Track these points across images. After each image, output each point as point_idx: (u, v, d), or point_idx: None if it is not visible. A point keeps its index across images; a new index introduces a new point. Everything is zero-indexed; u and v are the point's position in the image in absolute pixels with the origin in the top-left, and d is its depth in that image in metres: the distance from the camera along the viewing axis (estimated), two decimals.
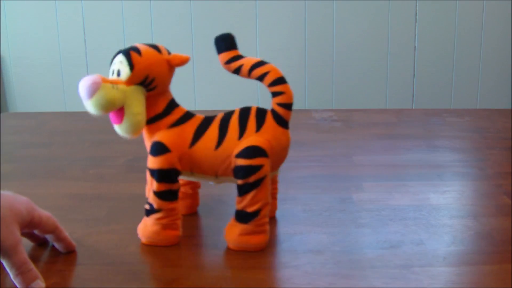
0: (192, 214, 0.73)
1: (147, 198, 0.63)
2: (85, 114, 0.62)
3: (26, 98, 2.07)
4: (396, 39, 1.97)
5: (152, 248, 0.63)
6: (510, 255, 0.61)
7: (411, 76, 1.99)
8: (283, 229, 0.68)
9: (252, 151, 0.59)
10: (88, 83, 0.57)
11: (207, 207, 0.75)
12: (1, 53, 2.04)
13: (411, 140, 1.04)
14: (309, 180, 0.84)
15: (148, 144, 0.63)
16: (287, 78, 0.62)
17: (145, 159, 0.96)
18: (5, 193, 0.57)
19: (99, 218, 0.72)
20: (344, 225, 0.68)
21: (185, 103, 0.66)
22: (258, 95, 2.00)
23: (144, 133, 0.63)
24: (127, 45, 0.63)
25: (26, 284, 0.54)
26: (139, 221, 0.70)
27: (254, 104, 0.63)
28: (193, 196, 0.72)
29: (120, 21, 1.98)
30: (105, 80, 0.58)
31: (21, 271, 0.54)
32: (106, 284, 0.56)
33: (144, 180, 0.85)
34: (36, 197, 0.79)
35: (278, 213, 0.72)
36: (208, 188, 0.80)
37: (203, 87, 2.01)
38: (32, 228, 0.59)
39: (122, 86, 0.59)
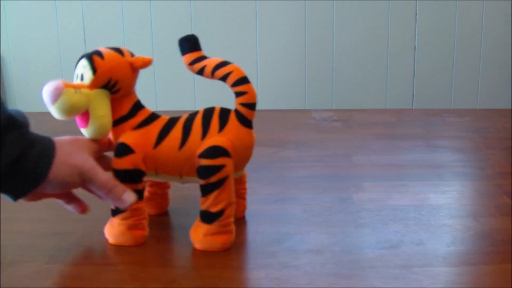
0: (164, 214, 0.72)
1: None
2: None
3: (26, 98, 2.06)
4: (396, 39, 1.97)
5: (152, 248, 0.63)
6: (510, 255, 0.61)
7: (411, 76, 1.99)
8: (283, 229, 0.68)
9: (214, 151, 0.60)
10: (50, 89, 0.58)
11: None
12: (1, 53, 2.04)
13: (411, 140, 1.04)
14: (309, 180, 0.84)
15: (114, 146, 0.63)
16: (287, 78, 0.62)
17: None
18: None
19: (100, 217, 0.71)
20: (344, 225, 0.68)
21: (184, 103, 0.66)
22: None
23: (110, 135, 0.64)
24: (127, 45, 0.64)
25: (118, 198, 0.59)
26: None
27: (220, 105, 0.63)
28: (163, 196, 0.72)
29: (120, 21, 1.98)
30: (67, 85, 0.58)
31: (109, 188, 0.59)
32: (106, 283, 0.56)
33: None
34: None
35: (278, 213, 0.72)
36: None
37: (204, 87, 2.01)
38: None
39: (85, 90, 0.59)
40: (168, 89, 2.02)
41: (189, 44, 0.64)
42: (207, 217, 0.61)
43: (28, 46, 2.02)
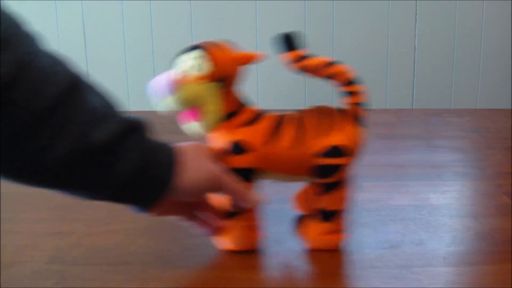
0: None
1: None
2: None
3: None
4: (396, 39, 1.97)
5: (152, 248, 0.63)
6: (510, 255, 0.61)
7: (411, 76, 1.99)
8: (283, 229, 0.67)
9: (334, 150, 0.59)
10: (171, 79, 0.56)
11: None
12: None
13: (411, 140, 1.04)
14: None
15: (218, 143, 0.61)
16: (288, 78, 0.62)
17: None
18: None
19: (100, 217, 0.71)
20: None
21: None
22: (259, 93, 2.00)
23: (215, 131, 0.61)
24: (127, 45, 0.63)
25: (246, 198, 0.58)
26: (139, 221, 0.70)
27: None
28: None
29: (120, 21, 1.98)
30: (187, 76, 0.57)
31: (239, 190, 0.58)
32: (106, 283, 0.56)
33: None
34: (36, 196, 0.79)
35: (278, 213, 0.72)
36: None
37: None
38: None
39: (202, 82, 0.58)
40: None
41: (291, 41, 0.62)
42: (326, 215, 0.61)
43: None
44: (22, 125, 0.44)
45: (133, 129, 0.51)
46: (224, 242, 0.62)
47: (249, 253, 0.62)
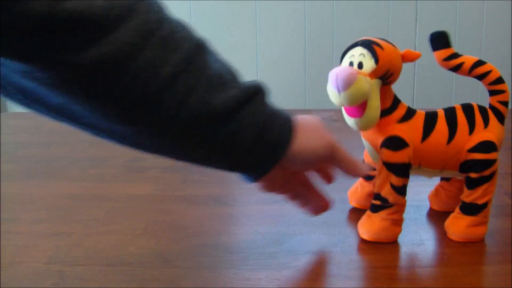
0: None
1: (377, 193, 0.62)
2: None
3: None
4: (396, 39, 1.97)
5: (152, 248, 0.63)
6: (510, 255, 0.61)
7: (411, 76, 1.99)
8: (283, 229, 0.67)
9: (487, 146, 0.62)
10: (346, 74, 0.56)
11: (213, 209, 0.75)
12: None
13: None
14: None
15: (377, 139, 0.63)
16: (287, 78, 0.62)
17: (144, 159, 0.97)
18: None
19: (99, 218, 0.71)
20: (344, 226, 0.68)
21: None
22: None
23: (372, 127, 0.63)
24: None
25: (358, 169, 0.59)
26: (139, 221, 0.70)
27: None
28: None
29: None
30: (359, 72, 0.58)
31: (352, 160, 0.59)
32: (106, 284, 0.56)
33: (144, 180, 0.85)
34: (36, 197, 0.79)
35: (278, 213, 0.72)
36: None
37: None
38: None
39: (369, 79, 0.59)
40: None
41: (443, 40, 0.66)
42: (473, 209, 0.62)
43: None
44: (147, 93, 0.44)
45: (254, 93, 0.51)
46: (365, 232, 0.64)
47: (249, 253, 0.62)
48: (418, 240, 0.64)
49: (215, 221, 0.70)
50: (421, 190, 0.80)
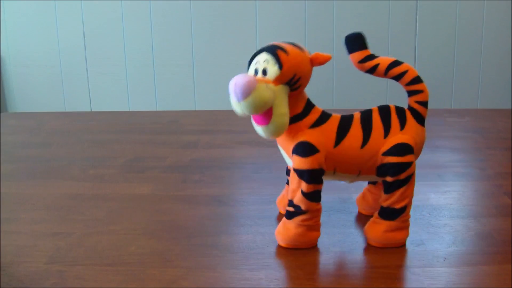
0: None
1: (290, 200, 0.61)
2: (85, 114, 0.61)
3: (25, 98, 2.06)
4: (396, 39, 1.97)
5: (152, 248, 0.63)
6: (510, 255, 0.61)
7: None
8: None
9: (402, 149, 0.60)
10: (243, 83, 0.55)
11: (213, 210, 0.75)
12: (1, 53, 2.04)
13: None
14: None
15: (288, 145, 0.61)
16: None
17: (144, 159, 0.97)
18: None
19: (99, 218, 0.71)
20: (344, 225, 0.68)
21: (184, 103, 0.65)
22: None
23: (283, 134, 0.61)
24: (127, 46, 0.63)
25: None
26: (139, 221, 0.70)
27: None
28: None
29: (120, 21, 1.97)
30: (258, 80, 0.56)
31: None
32: (106, 284, 0.56)
33: (144, 180, 0.85)
34: (36, 197, 0.79)
35: (278, 213, 0.72)
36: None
37: (203, 87, 2.01)
38: None
39: (272, 86, 0.57)
40: (168, 89, 2.01)
41: (359, 42, 0.62)
42: (390, 213, 0.61)
43: (28, 46, 2.02)
44: None
45: None
46: (282, 240, 0.63)
47: (249, 253, 0.62)
48: (418, 240, 0.64)
49: (215, 221, 0.70)
50: (421, 190, 0.80)
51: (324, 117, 0.62)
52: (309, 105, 0.62)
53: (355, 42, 0.62)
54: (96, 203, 0.76)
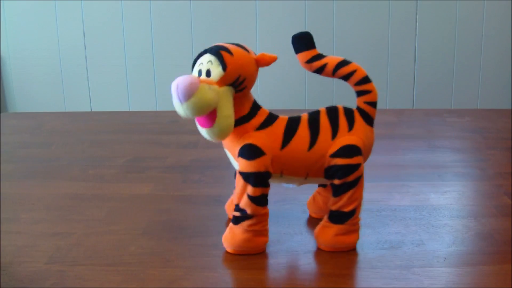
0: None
1: (236, 205, 0.60)
2: (85, 114, 0.61)
3: (26, 98, 2.06)
4: (396, 39, 1.97)
5: (152, 248, 0.63)
6: (510, 255, 0.61)
7: (411, 76, 1.99)
8: (283, 229, 0.67)
9: (349, 150, 0.59)
10: (185, 84, 0.54)
11: (205, 207, 0.75)
12: (1, 53, 2.04)
13: (412, 140, 1.04)
14: None
15: (234, 148, 0.60)
16: (288, 78, 0.62)
17: (144, 159, 0.97)
18: None
19: (99, 218, 0.71)
20: None
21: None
22: (258, 92, 2.00)
23: (229, 136, 0.60)
24: (127, 46, 0.63)
25: None
26: (139, 221, 0.70)
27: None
28: None
29: (120, 21, 1.97)
30: (200, 81, 0.55)
31: None
32: (106, 284, 0.56)
33: (144, 180, 0.85)
34: (36, 197, 0.79)
35: (278, 214, 0.72)
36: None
37: None
38: None
39: (215, 87, 0.56)
40: (168, 89, 2.01)
41: (306, 41, 0.61)
42: (339, 217, 0.60)
43: (28, 46, 2.02)
44: None
45: None
46: (228, 245, 0.61)
47: (249, 254, 0.61)
48: (418, 240, 0.64)
49: (215, 221, 0.70)
50: (421, 190, 0.80)
51: (271, 118, 0.61)
52: (256, 107, 0.61)
53: (302, 41, 0.61)
54: (96, 203, 0.76)
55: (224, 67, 0.56)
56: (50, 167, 0.92)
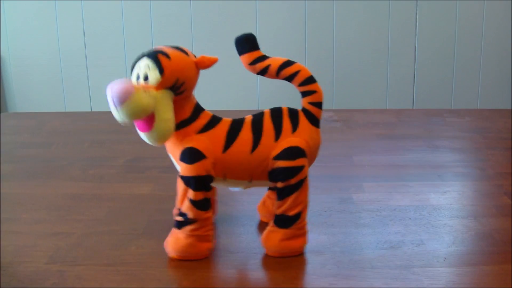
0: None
1: (178, 209, 0.60)
2: (85, 114, 0.61)
3: (26, 98, 2.06)
4: (396, 39, 1.97)
5: (152, 248, 0.63)
6: (510, 255, 0.61)
7: (411, 76, 1.99)
8: None
9: (292, 152, 0.58)
10: (119, 89, 0.53)
11: None
12: (1, 53, 2.04)
13: (411, 140, 1.04)
14: (309, 180, 0.84)
15: (175, 151, 0.60)
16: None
17: (144, 159, 0.97)
18: None
19: (99, 218, 0.71)
20: (344, 226, 0.68)
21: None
22: (258, 94, 2.00)
23: (171, 140, 0.60)
24: (127, 45, 0.63)
25: None
26: (139, 221, 0.70)
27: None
28: (212, 204, 0.67)
29: (120, 21, 1.97)
30: (136, 85, 0.55)
31: None
32: (106, 284, 0.56)
33: (144, 180, 0.85)
34: (36, 197, 0.79)
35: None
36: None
37: (203, 87, 2.01)
38: None
39: (153, 91, 0.56)
40: None
41: (249, 43, 0.61)
42: (284, 221, 0.59)
43: (28, 46, 2.02)
44: None
45: None
46: (171, 251, 0.60)
47: (249, 253, 0.62)
48: (418, 240, 0.64)
49: (215, 221, 0.70)
50: (421, 190, 0.80)
51: (214, 121, 0.60)
52: (198, 110, 0.60)
53: (245, 43, 0.61)
54: (96, 203, 0.76)
55: (161, 71, 0.56)
56: (50, 167, 0.92)
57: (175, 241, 0.60)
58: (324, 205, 0.74)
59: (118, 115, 0.54)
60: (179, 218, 0.59)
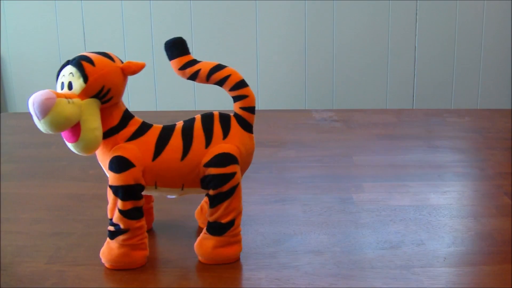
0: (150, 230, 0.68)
1: (110, 219, 0.58)
2: None
3: (26, 98, 2.06)
4: (396, 39, 1.97)
5: (152, 248, 0.63)
6: (510, 255, 0.61)
7: (411, 76, 1.99)
8: (283, 229, 0.67)
9: (223, 159, 0.57)
10: (40, 100, 0.51)
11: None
12: (1, 53, 2.04)
13: (411, 140, 1.04)
14: (309, 180, 0.84)
15: (104, 160, 0.58)
16: (288, 79, 0.62)
17: None
18: None
19: (99, 218, 0.71)
20: (344, 226, 0.68)
21: (184, 103, 0.65)
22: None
23: (100, 148, 0.59)
24: (127, 45, 0.62)
25: None
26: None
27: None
28: (148, 211, 0.67)
29: (120, 21, 1.97)
30: (58, 95, 0.53)
31: None
32: (106, 284, 0.56)
33: None
34: (36, 197, 0.79)
35: (278, 213, 0.72)
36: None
37: (203, 87, 2.01)
38: None
39: (77, 100, 0.54)
40: (168, 89, 2.01)
41: (178, 47, 0.60)
42: (217, 229, 0.58)
43: (28, 46, 2.02)
44: None
45: None
46: (106, 261, 0.59)
47: (249, 253, 0.61)
48: (418, 240, 0.64)
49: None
50: (421, 190, 0.80)
51: (143, 128, 0.59)
52: (127, 117, 0.59)
53: (175, 48, 0.59)
54: (96, 203, 0.76)
55: (85, 78, 0.54)
56: (50, 167, 0.92)
57: (108, 251, 0.58)
58: (324, 205, 0.74)
59: (41, 127, 0.53)
60: (111, 228, 0.58)
